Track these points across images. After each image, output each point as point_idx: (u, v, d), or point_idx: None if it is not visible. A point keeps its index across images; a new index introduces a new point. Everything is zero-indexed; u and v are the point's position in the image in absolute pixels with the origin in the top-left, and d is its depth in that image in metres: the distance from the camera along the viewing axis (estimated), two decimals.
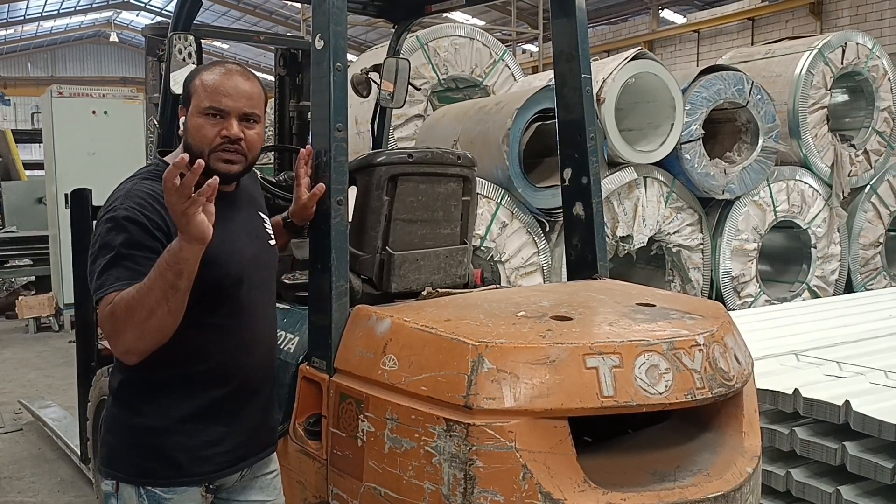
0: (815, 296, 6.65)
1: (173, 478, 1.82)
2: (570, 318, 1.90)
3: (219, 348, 1.84)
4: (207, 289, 1.76)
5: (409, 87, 3.37)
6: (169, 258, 1.60)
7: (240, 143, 1.82)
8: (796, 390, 2.83)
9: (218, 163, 1.81)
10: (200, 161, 1.57)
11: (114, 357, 1.90)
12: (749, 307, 6.23)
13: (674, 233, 6.13)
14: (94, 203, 3.48)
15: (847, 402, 2.67)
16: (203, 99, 1.81)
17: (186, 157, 1.56)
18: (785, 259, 7.09)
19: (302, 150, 2.13)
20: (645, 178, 5.93)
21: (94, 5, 29.95)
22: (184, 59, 2.67)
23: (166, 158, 1.89)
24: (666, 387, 1.75)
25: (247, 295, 1.88)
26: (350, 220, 2.26)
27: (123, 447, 1.84)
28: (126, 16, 32.36)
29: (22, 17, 28.72)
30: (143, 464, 1.81)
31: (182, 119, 1.85)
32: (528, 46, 22.08)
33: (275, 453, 2.08)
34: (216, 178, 1.59)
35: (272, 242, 2.05)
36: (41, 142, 10.10)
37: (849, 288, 7.00)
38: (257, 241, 1.98)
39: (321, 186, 2.07)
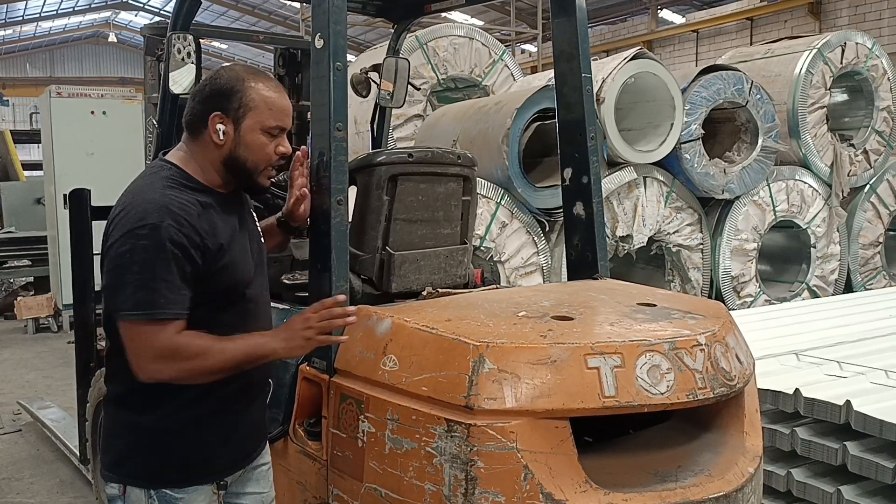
0: (814, 295, 6.64)
1: (185, 478, 1.83)
2: (572, 318, 1.89)
3: None
4: (223, 291, 1.81)
5: (409, 86, 3.36)
6: (253, 354, 1.78)
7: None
8: (797, 390, 2.82)
9: (265, 179, 1.91)
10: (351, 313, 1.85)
11: (112, 363, 1.88)
12: (749, 307, 6.23)
13: (673, 232, 6.13)
14: (93, 203, 3.47)
15: (848, 401, 2.67)
16: (268, 117, 1.84)
17: (353, 317, 1.84)
18: (784, 259, 7.09)
19: (298, 151, 2.12)
20: (645, 177, 5.93)
21: (92, 5, 29.91)
22: (183, 59, 2.66)
23: (175, 162, 1.88)
24: (667, 387, 1.74)
25: (251, 293, 1.91)
26: (350, 220, 2.25)
27: (131, 450, 1.84)
28: (125, 16, 32.32)
29: (20, 18, 28.68)
30: (153, 466, 1.81)
31: (221, 126, 1.82)
32: (528, 46, 22.06)
33: (267, 446, 2.11)
34: (354, 318, 1.86)
35: (262, 239, 2.08)
36: (40, 142, 10.08)
37: (848, 288, 7.00)
38: (256, 240, 2.01)
39: (304, 192, 2.08)
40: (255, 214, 2.08)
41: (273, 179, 1.94)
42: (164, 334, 1.68)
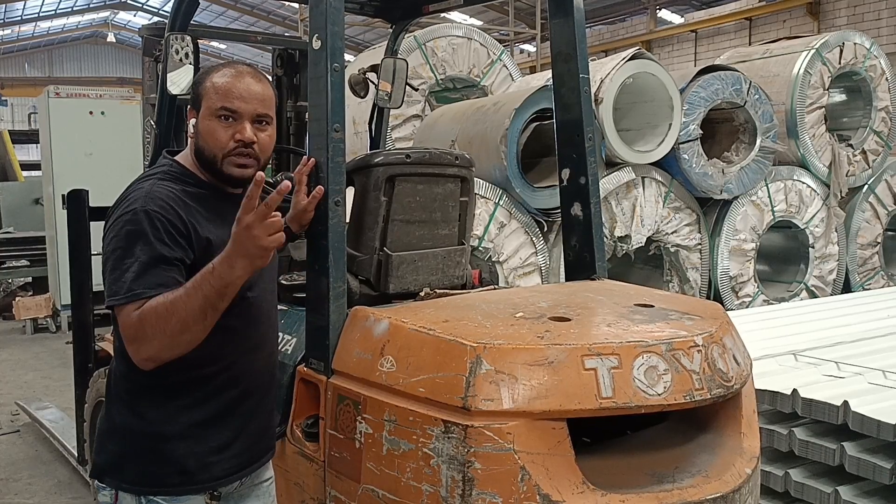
0: (812, 296, 6.65)
1: (180, 485, 1.77)
2: (569, 319, 1.89)
3: (230, 350, 1.82)
4: None
5: (407, 87, 3.37)
6: (215, 281, 1.60)
7: (253, 147, 1.80)
8: (795, 391, 2.82)
9: (232, 167, 1.80)
10: (261, 174, 1.64)
11: (114, 362, 1.86)
12: (747, 307, 6.23)
13: (672, 233, 6.13)
14: (91, 204, 3.47)
15: (845, 402, 2.67)
16: (215, 101, 1.77)
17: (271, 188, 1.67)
18: (783, 259, 7.09)
19: (305, 156, 2.10)
20: (643, 178, 5.93)
21: (91, 5, 29.90)
22: (181, 60, 2.66)
23: (177, 158, 1.88)
24: (664, 388, 1.74)
25: (255, 297, 1.87)
26: (348, 220, 2.25)
27: (126, 454, 1.78)
28: (123, 16, 32.31)
29: (19, 18, 28.66)
30: (147, 471, 1.76)
31: (192, 121, 1.83)
32: (526, 46, 22.07)
33: (271, 460, 2.06)
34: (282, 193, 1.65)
35: None
36: (38, 142, 10.08)
37: (846, 288, 7.00)
38: None
39: (320, 189, 2.03)
40: None
41: (241, 167, 1.80)
42: (130, 316, 1.62)
